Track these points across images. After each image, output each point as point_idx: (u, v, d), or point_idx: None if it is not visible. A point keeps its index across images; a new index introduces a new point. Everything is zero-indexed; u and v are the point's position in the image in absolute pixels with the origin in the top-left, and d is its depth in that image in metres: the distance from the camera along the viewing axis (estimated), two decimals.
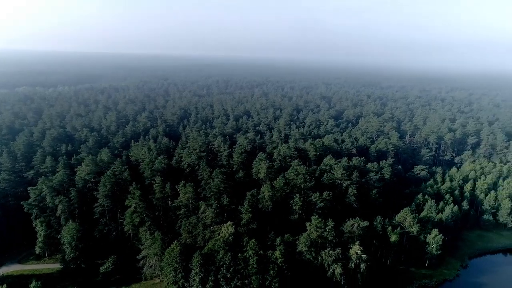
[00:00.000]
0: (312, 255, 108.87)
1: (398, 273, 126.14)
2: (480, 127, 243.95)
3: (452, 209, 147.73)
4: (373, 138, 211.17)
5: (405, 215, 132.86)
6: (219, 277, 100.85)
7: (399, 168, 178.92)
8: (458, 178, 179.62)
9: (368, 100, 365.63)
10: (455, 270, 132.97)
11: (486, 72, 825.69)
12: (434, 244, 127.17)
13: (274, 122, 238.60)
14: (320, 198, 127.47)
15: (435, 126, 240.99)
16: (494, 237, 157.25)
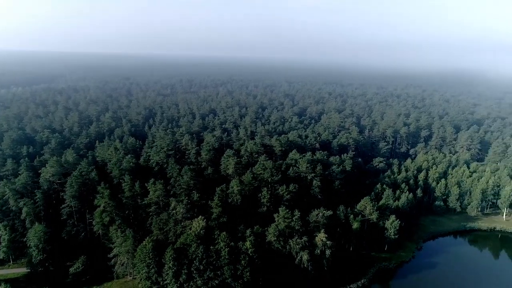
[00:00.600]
0: (280, 244, 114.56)
1: (360, 257, 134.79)
2: (431, 121, 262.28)
3: (408, 197, 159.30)
4: (335, 133, 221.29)
5: (366, 204, 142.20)
6: (192, 270, 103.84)
7: (359, 160, 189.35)
8: (412, 169, 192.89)
9: (329, 97, 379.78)
10: (411, 252, 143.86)
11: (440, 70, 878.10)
12: (392, 229, 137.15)
13: (240, 120, 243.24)
14: (287, 191, 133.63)
15: (391, 121, 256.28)
16: (445, 221, 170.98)
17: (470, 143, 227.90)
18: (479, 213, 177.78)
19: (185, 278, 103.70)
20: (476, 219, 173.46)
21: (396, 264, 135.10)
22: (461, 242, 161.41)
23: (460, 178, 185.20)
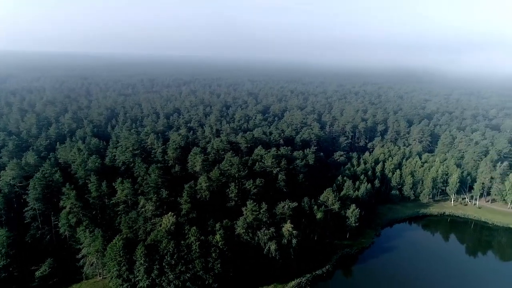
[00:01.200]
0: (249, 236, 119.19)
1: (324, 245, 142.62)
2: (387, 116, 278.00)
3: (367, 187, 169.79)
4: (297, 130, 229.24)
5: (328, 195, 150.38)
6: (164, 265, 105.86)
7: (321, 155, 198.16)
8: (370, 161, 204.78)
9: (291, 95, 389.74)
10: (371, 238, 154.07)
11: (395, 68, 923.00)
12: (353, 217, 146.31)
13: (205, 118, 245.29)
14: (254, 185, 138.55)
15: (350, 116, 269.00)
16: (401, 209, 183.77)
17: (421, 136, 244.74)
18: (430, 200, 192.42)
19: (157, 274, 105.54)
20: (428, 206, 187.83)
21: (357, 250, 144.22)
22: (415, 227, 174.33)
23: (413, 168, 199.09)
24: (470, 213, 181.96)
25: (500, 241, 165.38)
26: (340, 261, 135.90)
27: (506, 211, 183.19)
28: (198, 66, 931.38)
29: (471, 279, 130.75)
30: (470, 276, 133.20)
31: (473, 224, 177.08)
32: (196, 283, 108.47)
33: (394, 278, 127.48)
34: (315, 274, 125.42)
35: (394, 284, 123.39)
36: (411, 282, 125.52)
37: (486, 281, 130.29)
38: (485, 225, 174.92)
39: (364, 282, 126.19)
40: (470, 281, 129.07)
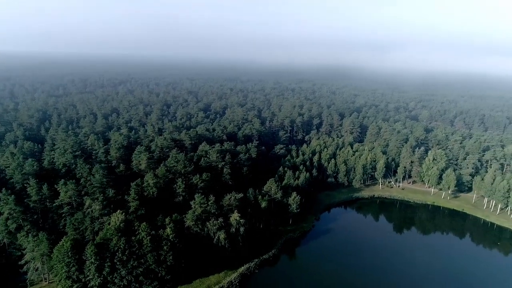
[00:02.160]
0: (199, 228, 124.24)
1: (270, 232, 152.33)
2: (321, 110, 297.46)
3: (306, 176, 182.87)
4: (239, 126, 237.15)
5: (271, 185, 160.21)
6: (115, 262, 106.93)
7: (263, 148, 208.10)
8: (308, 152, 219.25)
9: (231, 93, 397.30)
10: (311, 223, 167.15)
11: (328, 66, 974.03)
12: (294, 204, 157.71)
13: (146, 117, 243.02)
14: (201, 179, 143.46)
15: (288, 112, 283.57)
16: (336, 194, 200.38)
17: (352, 128, 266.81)
18: (362, 185, 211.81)
19: (108, 271, 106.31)
20: (360, 190, 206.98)
21: (299, 234, 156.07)
22: (349, 210, 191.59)
23: (346, 157, 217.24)
24: (395, 194, 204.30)
25: (420, 217, 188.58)
26: (284, 245, 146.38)
27: (425, 190, 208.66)
28: (133, 65, 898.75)
29: (398, 251, 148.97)
30: (398, 248, 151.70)
31: (398, 203, 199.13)
32: (149, 276, 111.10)
33: (334, 256, 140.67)
34: (263, 258, 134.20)
35: (334, 262, 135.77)
36: (348, 258, 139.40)
37: (410, 251, 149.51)
38: (408, 203, 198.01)
39: (307, 262, 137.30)
40: (397, 253, 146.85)
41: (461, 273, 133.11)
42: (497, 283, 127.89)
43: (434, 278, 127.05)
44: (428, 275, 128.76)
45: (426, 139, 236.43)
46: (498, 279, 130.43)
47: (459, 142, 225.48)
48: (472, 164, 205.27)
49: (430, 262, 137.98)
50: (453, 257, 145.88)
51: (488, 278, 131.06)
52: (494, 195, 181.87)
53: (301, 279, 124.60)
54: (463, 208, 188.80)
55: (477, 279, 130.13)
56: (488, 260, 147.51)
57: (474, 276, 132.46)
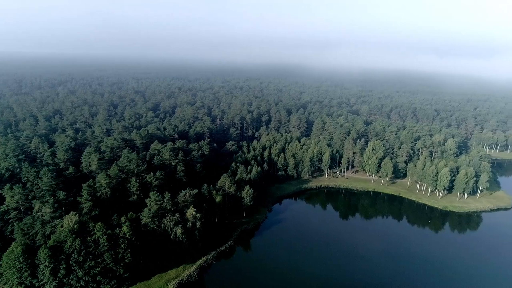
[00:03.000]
0: (156, 224, 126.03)
1: (225, 225, 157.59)
2: (269, 107, 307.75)
3: (257, 170, 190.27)
4: (190, 124, 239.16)
5: (224, 180, 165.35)
6: (71, 263, 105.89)
7: (215, 145, 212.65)
8: (258, 148, 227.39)
9: (179, 92, 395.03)
10: (264, 214, 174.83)
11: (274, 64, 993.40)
12: (248, 197, 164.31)
13: (92, 118, 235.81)
14: (155, 178, 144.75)
15: (237, 109, 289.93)
16: (287, 186, 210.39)
17: (299, 123, 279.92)
18: (310, 177, 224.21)
19: (64, 273, 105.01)
20: (308, 181, 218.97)
21: (254, 225, 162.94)
22: (299, 200, 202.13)
23: (294, 151, 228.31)
24: (340, 184, 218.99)
25: (363, 203, 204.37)
26: (240, 236, 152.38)
27: (366, 178, 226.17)
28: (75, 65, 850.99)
29: (345, 236, 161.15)
30: (344, 233, 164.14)
31: (343, 192, 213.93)
32: (107, 275, 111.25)
33: (286, 244, 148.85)
34: (220, 250, 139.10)
35: (286, 249, 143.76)
36: (300, 245, 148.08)
37: (356, 235, 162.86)
38: (352, 191, 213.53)
39: (262, 251, 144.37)
40: (344, 237, 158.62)
41: (399, 250, 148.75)
42: (429, 256, 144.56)
43: (376, 258, 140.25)
44: (372, 255, 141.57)
45: (366, 132, 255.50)
46: (430, 252, 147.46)
47: (395, 133, 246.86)
48: (406, 152, 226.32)
49: (373, 243, 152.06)
50: (392, 237, 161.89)
51: (421, 251, 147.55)
52: (425, 179, 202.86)
53: (257, 267, 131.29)
54: (399, 193, 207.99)
55: (412, 254, 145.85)
56: (421, 237, 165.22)
57: (410, 251, 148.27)
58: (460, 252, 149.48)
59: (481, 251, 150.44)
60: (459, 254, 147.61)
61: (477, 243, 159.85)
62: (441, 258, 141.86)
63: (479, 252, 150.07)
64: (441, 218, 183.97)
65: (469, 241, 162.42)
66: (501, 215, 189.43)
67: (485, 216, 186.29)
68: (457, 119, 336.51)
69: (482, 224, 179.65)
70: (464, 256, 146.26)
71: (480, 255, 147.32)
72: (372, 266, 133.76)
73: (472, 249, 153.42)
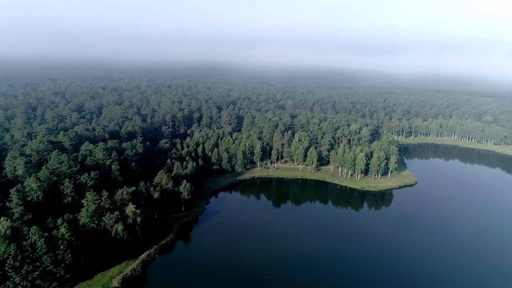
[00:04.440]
0: (95, 223, 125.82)
1: (165, 220, 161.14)
2: (200, 105, 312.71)
3: (193, 165, 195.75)
4: (120, 124, 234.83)
5: (161, 176, 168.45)
6: (6, 269, 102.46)
7: (148, 144, 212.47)
8: (192, 144, 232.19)
9: (104, 92, 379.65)
10: (202, 207, 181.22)
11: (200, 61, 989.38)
12: (185, 191, 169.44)
13: (9, 122, 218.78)
14: (89, 178, 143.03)
15: (168, 108, 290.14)
16: (222, 180, 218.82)
17: (230, 119, 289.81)
18: (243, 169, 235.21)
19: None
20: (242, 174, 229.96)
21: (193, 218, 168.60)
22: (234, 192, 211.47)
23: (227, 146, 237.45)
24: (272, 174, 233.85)
25: (293, 190, 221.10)
26: (180, 229, 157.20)
27: (294, 167, 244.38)
28: None
29: (278, 221, 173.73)
30: (278, 219, 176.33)
31: (274, 181, 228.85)
32: (46, 278, 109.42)
33: (224, 233, 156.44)
34: (161, 244, 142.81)
35: (225, 239, 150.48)
36: (237, 233, 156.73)
37: (288, 219, 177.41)
38: (282, 180, 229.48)
39: (202, 242, 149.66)
40: (277, 223, 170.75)
41: (326, 229, 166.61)
42: (352, 230, 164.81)
43: (306, 239, 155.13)
44: (303, 236, 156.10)
45: (292, 124, 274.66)
46: (353, 227, 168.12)
47: (317, 124, 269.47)
48: (328, 141, 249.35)
49: (304, 224, 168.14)
50: (320, 218, 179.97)
51: (344, 227, 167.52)
52: (345, 164, 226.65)
53: (197, 258, 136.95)
54: (324, 178, 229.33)
55: (338, 231, 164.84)
56: (344, 215, 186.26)
57: (337, 228, 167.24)
58: (377, 224, 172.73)
59: (394, 221, 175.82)
60: (377, 226, 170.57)
61: (390, 215, 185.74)
62: (364, 231, 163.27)
63: (393, 222, 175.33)
64: (360, 198, 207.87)
65: (384, 214, 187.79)
66: (407, 190, 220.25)
67: (395, 193, 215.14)
68: (370, 110, 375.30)
69: (394, 199, 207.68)
70: (381, 227, 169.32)
71: (394, 225, 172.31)
72: (303, 246, 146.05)
73: (387, 220, 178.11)
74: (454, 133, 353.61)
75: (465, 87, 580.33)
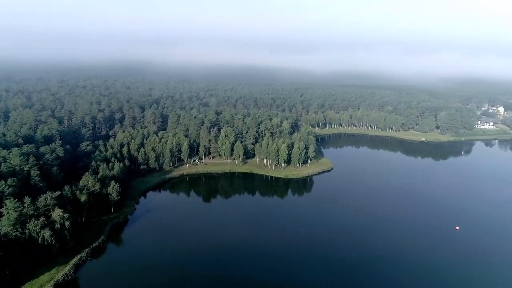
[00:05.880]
0: (19, 231, 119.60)
1: (95, 223, 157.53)
2: (121, 105, 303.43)
3: (120, 166, 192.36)
4: (33, 128, 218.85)
5: (87, 179, 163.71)
6: None
7: (68, 147, 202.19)
8: (116, 145, 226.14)
9: (8, 94, 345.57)
10: (132, 207, 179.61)
11: (117, 61, 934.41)
12: (114, 192, 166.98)
13: None
14: (7, 185, 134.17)
15: (86, 109, 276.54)
16: (150, 179, 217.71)
17: (154, 118, 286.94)
18: (171, 167, 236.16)
19: None
20: (171, 172, 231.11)
21: (124, 219, 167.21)
22: (164, 190, 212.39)
23: (153, 145, 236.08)
24: (200, 169, 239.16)
25: (222, 184, 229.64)
26: (112, 230, 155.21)
27: (222, 162, 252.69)
28: None
29: (208, 217, 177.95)
30: (207, 217, 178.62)
31: (204, 177, 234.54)
32: None
33: (155, 232, 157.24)
34: (93, 247, 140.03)
35: (156, 238, 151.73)
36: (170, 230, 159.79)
37: (218, 213, 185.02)
38: (211, 175, 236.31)
39: (133, 242, 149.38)
40: (207, 220, 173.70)
41: (255, 217, 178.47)
42: (278, 215, 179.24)
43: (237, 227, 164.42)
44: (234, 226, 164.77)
45: (218, 120, 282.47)
46: (279, 213, 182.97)
47: (242, 120, 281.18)
48: (253, 135, 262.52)
49: (233, 215, 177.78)
50: (249, 207, 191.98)
51: (271, 214, 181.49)
52: (269, 156, 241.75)
53: (131, 257, 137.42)
54: (251, 170, 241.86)
55: (266, 217, 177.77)
56: (271, 203, 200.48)
57: (265, 215, 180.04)
58: (301, 207, 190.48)
59: (316, 202, 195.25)
60: (301, 209, 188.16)
61: (312, 197, 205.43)
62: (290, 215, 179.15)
63: (314, 203, 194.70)
64: (285, 186, 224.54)
65: (307, 198, 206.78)
66: (326, 175, 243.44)
67: (315, 178, 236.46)
68: (289, 105, 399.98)
69: (314, 184, 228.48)
70: (305, 210, 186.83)
71: (315, 205, 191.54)
72: (233, 237, 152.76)
73: (310, 202, 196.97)
74: (362, 123, 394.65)
75: (369, 82, 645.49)
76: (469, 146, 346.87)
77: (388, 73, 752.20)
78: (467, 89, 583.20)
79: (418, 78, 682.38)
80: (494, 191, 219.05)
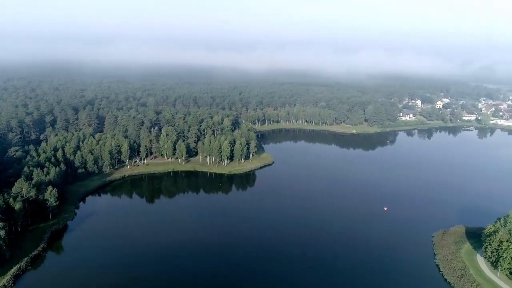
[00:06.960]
0: None
1: (33, 230, 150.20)
2: (51, 107, 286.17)
3: (56, 171, 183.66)
4: None
5: (21, 186, 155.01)
6: None
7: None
8: (50, 149, 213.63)
9: None
10: (72, 212, 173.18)
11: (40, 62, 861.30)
12: (52, 198, 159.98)
13: None
14: None
15: (12, 112, 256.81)
16: (90, 183, 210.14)
17: (90, 120, 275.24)
18: (112, 169, 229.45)
19: None
20: (111, 174, 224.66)
21: (63, 224, 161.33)
22: (104, 194, 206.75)
23: (91, 147, 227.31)
24: (142, 171, 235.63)
25: (166, 184, 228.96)
26: (51, 237, 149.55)
27: (165, 161, 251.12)
28: None
29: (151, 219, 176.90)
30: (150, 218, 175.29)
31: (146, 177, 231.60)
32: None
33: (96, 237, 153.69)
34: (32, 255, 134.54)
35: (99, 241, 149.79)
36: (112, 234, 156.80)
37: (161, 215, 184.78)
38: (154, 175, 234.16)
39: (75, 247, 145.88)
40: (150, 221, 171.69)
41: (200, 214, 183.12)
42: (224, 211, 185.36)
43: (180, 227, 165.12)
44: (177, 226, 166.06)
45: (158, 120, 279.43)
46: (224, 208, 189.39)
47: (183, 119, 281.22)
48: (194, 133, 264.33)
49: (180, 215, 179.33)
50: (193, 206, 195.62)
51: (216, 210, 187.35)
52: (212, 153, 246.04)
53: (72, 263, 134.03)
54: (194, 168, 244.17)
55: (211, 214, 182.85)
56: (216, 199, 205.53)
57: (210, 211, 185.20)
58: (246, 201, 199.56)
59: (258, 196, 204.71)
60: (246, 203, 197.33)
61: (255, 191, 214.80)
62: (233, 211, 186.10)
63: (257, 196, 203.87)
64: (228, 182, 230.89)
65: (251, 192, 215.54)
66: (267, 169, 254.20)
67: (257, 172, 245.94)
68: (229, 103, 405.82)
69: (257, 178, 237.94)
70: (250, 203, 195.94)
71: (258, 198, 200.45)
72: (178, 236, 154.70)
73: (253, 196, 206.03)
74: (299, 118, 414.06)
75: (304, 79, 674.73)
76: (393, 136, 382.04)
77: (320, 71, 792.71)
78: (390, 85, 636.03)
79: (347, 76, 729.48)
80: (416, 175, 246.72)
